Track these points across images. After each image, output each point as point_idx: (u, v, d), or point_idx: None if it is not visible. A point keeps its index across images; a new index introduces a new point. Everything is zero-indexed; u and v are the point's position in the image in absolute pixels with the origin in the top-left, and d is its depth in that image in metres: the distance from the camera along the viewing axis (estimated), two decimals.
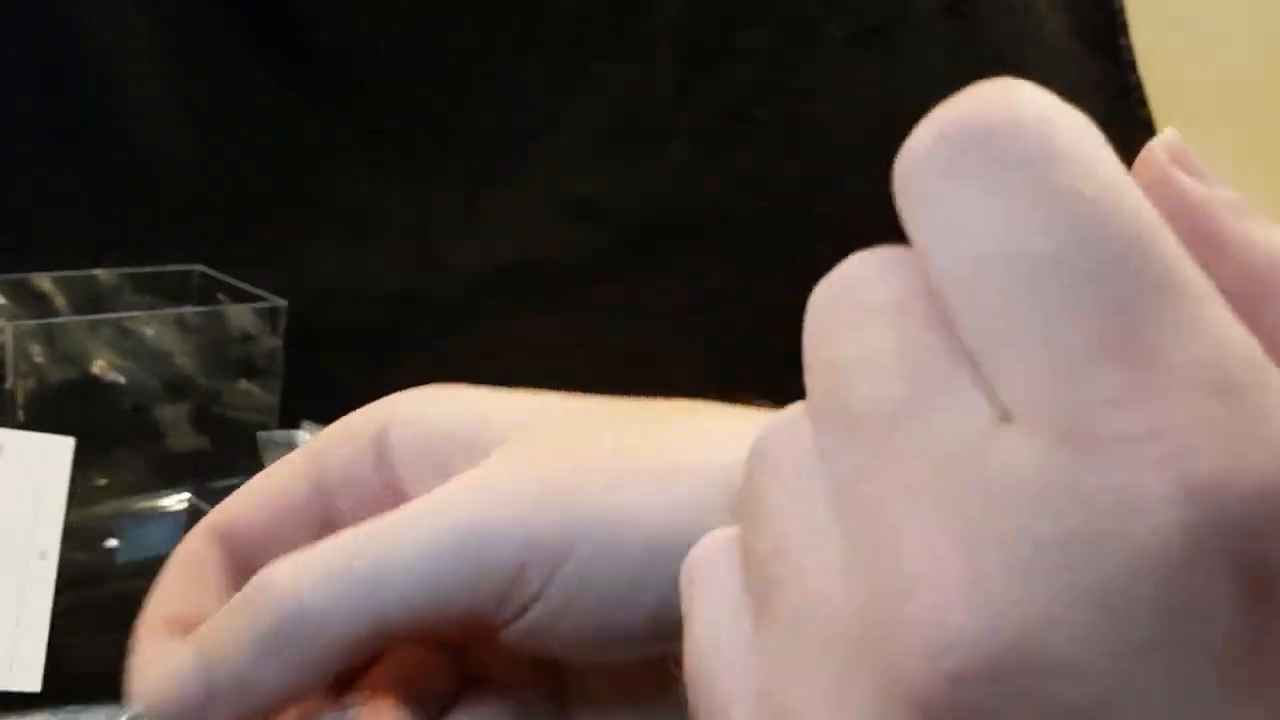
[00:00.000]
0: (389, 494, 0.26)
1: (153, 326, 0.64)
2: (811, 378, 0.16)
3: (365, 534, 0.23)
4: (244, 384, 0.67)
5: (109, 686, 0.54)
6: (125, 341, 0.63)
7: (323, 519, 0.27)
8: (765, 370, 0.36)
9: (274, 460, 0.66)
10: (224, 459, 0.68)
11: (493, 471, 0.24)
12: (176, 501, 0.69)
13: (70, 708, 0.51)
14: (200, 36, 0.83)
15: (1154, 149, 0.17)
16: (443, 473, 0.25)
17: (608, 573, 0.23)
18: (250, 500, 0.28)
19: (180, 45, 0.83)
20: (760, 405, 0.26)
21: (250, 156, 0.83)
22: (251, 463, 0.66)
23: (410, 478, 0.26)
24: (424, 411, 0.26)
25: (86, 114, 0.79)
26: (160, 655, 0.24)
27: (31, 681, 0.48)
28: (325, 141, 0.87)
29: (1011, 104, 0.15)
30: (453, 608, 0.23)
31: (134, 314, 0.66)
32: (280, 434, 0.65)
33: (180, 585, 0.28)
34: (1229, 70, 1.09)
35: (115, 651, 0.57)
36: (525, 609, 0.23)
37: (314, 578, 0.23)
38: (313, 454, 0.27)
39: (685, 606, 0.16)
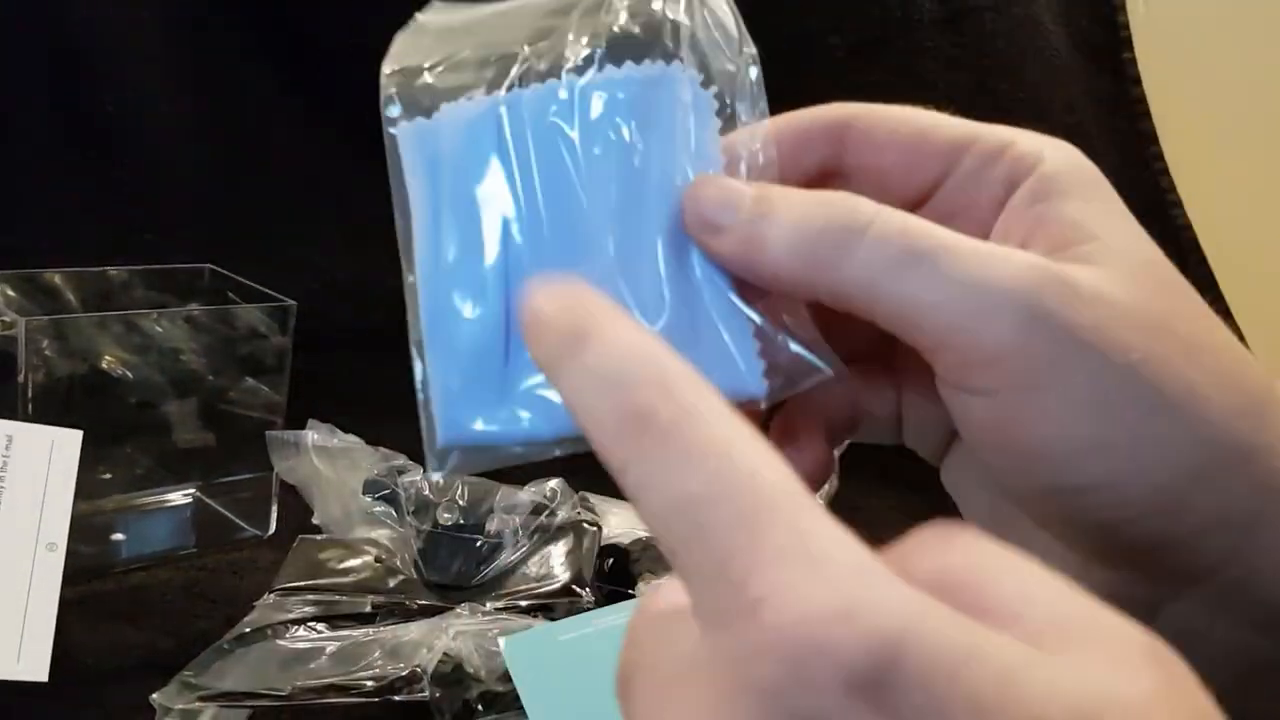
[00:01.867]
0: (980, 218, 0.27)
1: (162, 323, 0.64)
2: None
3: (938, 231, 0.24)
4: (251, 381, 0.67)
5: (115, 677, 0.55)
6: (135, 338, 0.63)
7: (926, 188, 0.28)
8: None
9: (282, 459, 0.67)
10: (230, 455, 0.69)
11: (1073, 271, 0.24)
12: (182, 496, 0.70)
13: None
14: (209, 40, 0.84)
15: None
16: (1033, 233, 0.26)
17: (1060, 432, 0.23)
18: (892, 125, 0.28)
19: (190, 49, 0.83)
20: None
21: (260, 158, 0.84)
22: (258, 460, 0.67)
23: (1006, 222, 0.26)
24: (1061, 181, 0.26)
25: (98, 115, 0.80)
26: (734, 180, 0.26)
27: (39, 671, 0.48)
28: (334, 143, 0.87)
29: None
30: (925, 333, 0.24)
31: (144, 311, 0.67)
32: (290, 434, 0.65)
33: (784, 131, 0.29)
34: (1231, 83, 1.09)
35: (121, 643, 0.58)
36: (975, 391, 0.24)
37: (881, 218, 0.24)
38: (961, 143, 0.27)
39: None
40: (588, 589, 0.56)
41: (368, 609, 0.55)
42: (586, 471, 0.30)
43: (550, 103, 0.27)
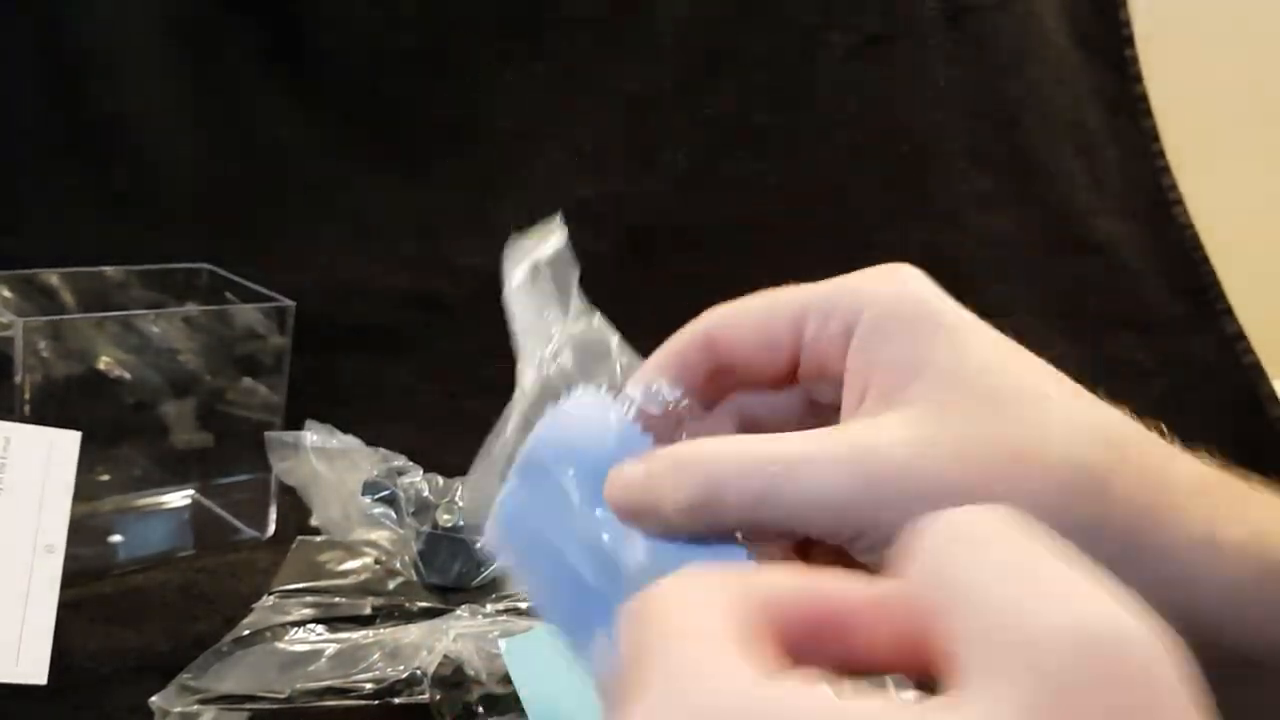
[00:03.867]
0: (838, 370, 0.30)
1: (160, 324, 0.64)
2: None
3: (785, 444, 0.28)
4: (249, 382, 0.67)
5: (114, 679, 0.55)
6: (132, 338, 0.63)
7: (789, 359, 0.31)
8: None
9: (280, 460, 0.66)
10: (228, 456, 0.68)
11: (918, 421, 0.27)
12: (180, 497, 0.70)
13: None
14: (210, 41, 0.84)
15: None
16: (868, 378, 0.29)
17: None
18: (740, 318, 0.32)
19: (191, 49, 0.83)
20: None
21: (259, 158, 0.84)
22: (256, 460, 0.66)
23: (851, 365, 0.29)
24: (894, 317, 0.29)
25: (96, 116, 0.80)
26: (631, 465, 0.29)
27: (37, 673, 0.48)
28: (334, 143, 0.87)
29: None
30: (817, 532, 0.27)
31: (141, 311, 0.67)
32: (289, 435, 0.65)
33: (665, 362, 0.32)
34: (1233, 81, 1.09)
35: (119, 645, 0.58)
36: (858, 553, 0.27)
37: (734, 460, 0.28)
38: (799, 310, 0.31)
39: None
40: None
41: (367, 611, 0.55)
42: None
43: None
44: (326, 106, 0.87)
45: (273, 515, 0.68)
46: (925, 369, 0.28)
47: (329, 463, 0.65)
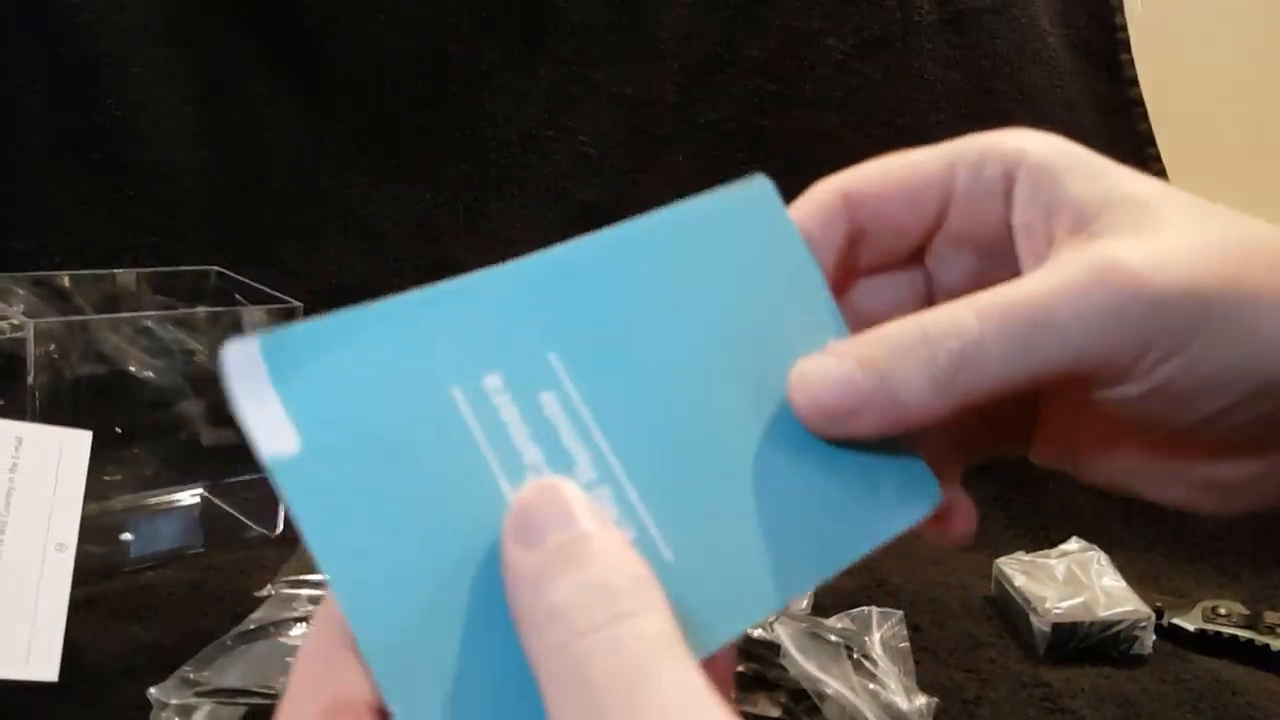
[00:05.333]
0: (995, 220, 0.28)
1: (169, 325, 0.65)
2: None
3: (1024, 289, 0.25)
4: None
5: (124, 675, 0.56)
6: (142, 340, 0.64)
7: (937, 214, 0.29)
8: None
9: None
10: (237, 456, 0.69)
11: (1137, 237, 0.25)
12: (190, 496, 0.70)
13: None
14: (216, 47, 0.84)
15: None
16: (1050, 220, 0.27)
17: (1206, 368, 0.25)
18: (883, 173, 0.29)
19: (197, 55, 0.84)
20: None
21: (266, 162, 0.84)
22: None
23: (1022, 215, 0.28)
24: (1056, 160, 0.27)
25: (107, 120, 0.80)
26: (827, 360, 0.25)
27: (49, 671, 0.49)
28: (338, 147, 0.88)
29: None
30: (1082, 368, 0.25)
31: (151, 313, 0.67)
32: None
33: (807, 216, 0.29)
34: (1227, 84, 1.09)
35: (130, 642, 0.58)
36: (1128, 380, 0.25)
37: (981, 317, 0.25)
38: (948, 162, 0.29)
39: None
40: None
41: None
42: None
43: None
44: (332, 111, 0.87)
45: (281, 513, 0.68)
46: (1118, 199, 0.26)
47: None
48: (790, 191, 0.30)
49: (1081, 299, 0.25)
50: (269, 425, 0.21)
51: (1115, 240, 0.25)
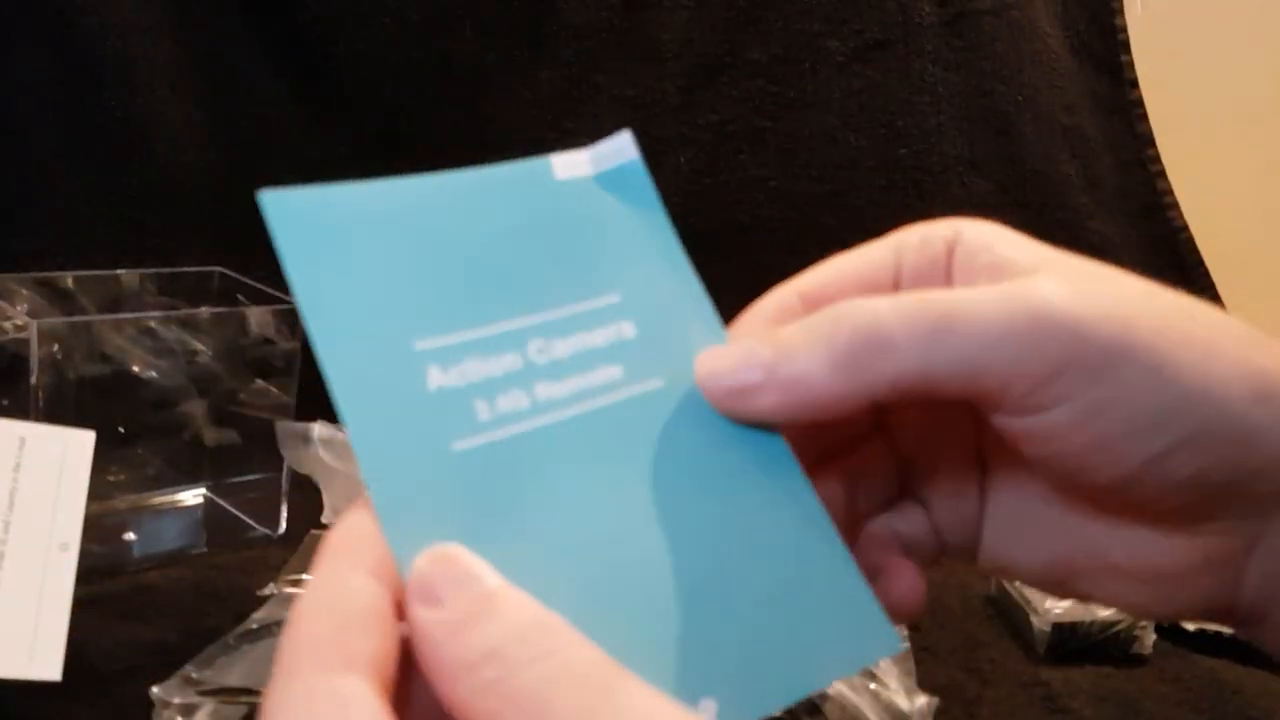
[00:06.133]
0: (940, 279, 0.29)
1: (172, 326, 0.65)
2: None
3: (943, 292, 0.26)
4: (260, 383, 0.68)
5: (127, 675, 0.56)
6: (146, 340, 0.64)
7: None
8: None
9: (292, 451, 0.67)
10: (240, 456, 0.69)
11: (1066, 279, 0.26)
12: (192, 496, 0.71)
13: None
14: (221, 48, 0.85)
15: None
16: (987, 278, 0.27)
17: (1129, 408, 0.25)
18: (835, 268, 0.30)
19: (202, 56, 0.84)
20: None
21: (270, 163, 0.84)
22: (267, 459, 0.67)
23: (961, 279, 0.28)
24: (991, 233, 0.28)
25: (110, 121, 0.80)
26: (735, 341, 0.26)
27: (52, 670, 0.49)
28: (342, 147, 0.88)
29: None
30: (988, 378, 0.25)
31: (155, 313, 0.68)
32: (299, 425, 0.66)
33: (762, 321, 0.30)
34: (1227, 86, 1.10)
35: (133, 641, 0.59)
36: (1043, 408, 0.25)
37: (893, 306, 0.25)
38: (894, 247, 0.30)
39: None
40: None
41: None
42: None
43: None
44: (337, 113, 0.87)
45: (284, 513, 0.68)
46: (1050, 258, 0.27)
47: (339, 456, 0.65)
48: (792, 194, 0.30)
49: (994, 309, 0.25)
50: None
51: (1042, 278, 0.26)
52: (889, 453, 0.32)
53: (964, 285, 0.28)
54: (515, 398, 0.24)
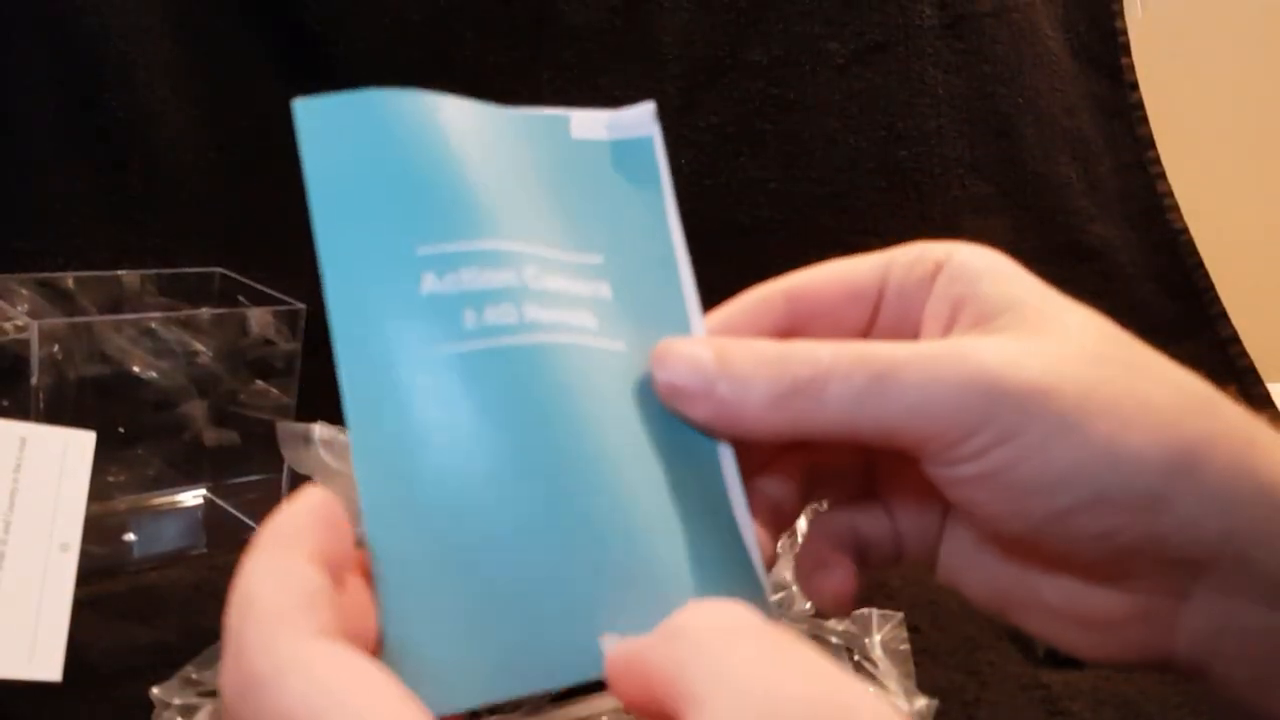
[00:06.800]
0: (918, 318, 0.30)
1: (173, 327, 0.65)
2: None
3: (885, 347, 0.27)
4: (261, 384, 0.68)
5: (127, 675, 0.56)
6: (146, 341, 0.64)
7: (871, 311, 0.31)
8: None
9: (292, 452, 0.67)
10: (240, 457, 0.69)
11: (1015, 337, 0.27)
12: (193, 497, 0.71)
13: None
14: (222, 48, 0.85)
15: None
16: (956, 312, 0.29)
17: (1034, 467, 0.26)
18: (823, 273, 0.32)
19: (203, 56, 0.84)
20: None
21: (270, 162, 0.84)
22: (268, 460, 0.67)
23: (934, 305, 0.30)
24: (981, 263, 0.29)
25: (111, 121, 0.80)
26: (694, 343, 0.28)
27: (52, 671, 0.49)
28: None
29: None
30: (906, 437, 0.27)
31: (155, 314, 0.68)
32: (299, 426, 0.66)
33: (743, 313, 0.31)
34: (1227, 88, 1.10)
35: (133, 642, 0.59)
36: (957, 462, 0.27)
37: (834, 357, 0.27)
38: (884, 262, 0.31)
39: None
40: None
41: None
42: None
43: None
44: None
45: None
46: (1018, 305, 0.28)
47: (339, 458, 0.65)
48: (792, 196, 0.31)
49: (925, 375, 0.26)
50: None
51: (987, 338, 0.27)
52: (859, 451, 0.32)
53: (932, 314, 0.30)
54: (505, 311, 0.25)
